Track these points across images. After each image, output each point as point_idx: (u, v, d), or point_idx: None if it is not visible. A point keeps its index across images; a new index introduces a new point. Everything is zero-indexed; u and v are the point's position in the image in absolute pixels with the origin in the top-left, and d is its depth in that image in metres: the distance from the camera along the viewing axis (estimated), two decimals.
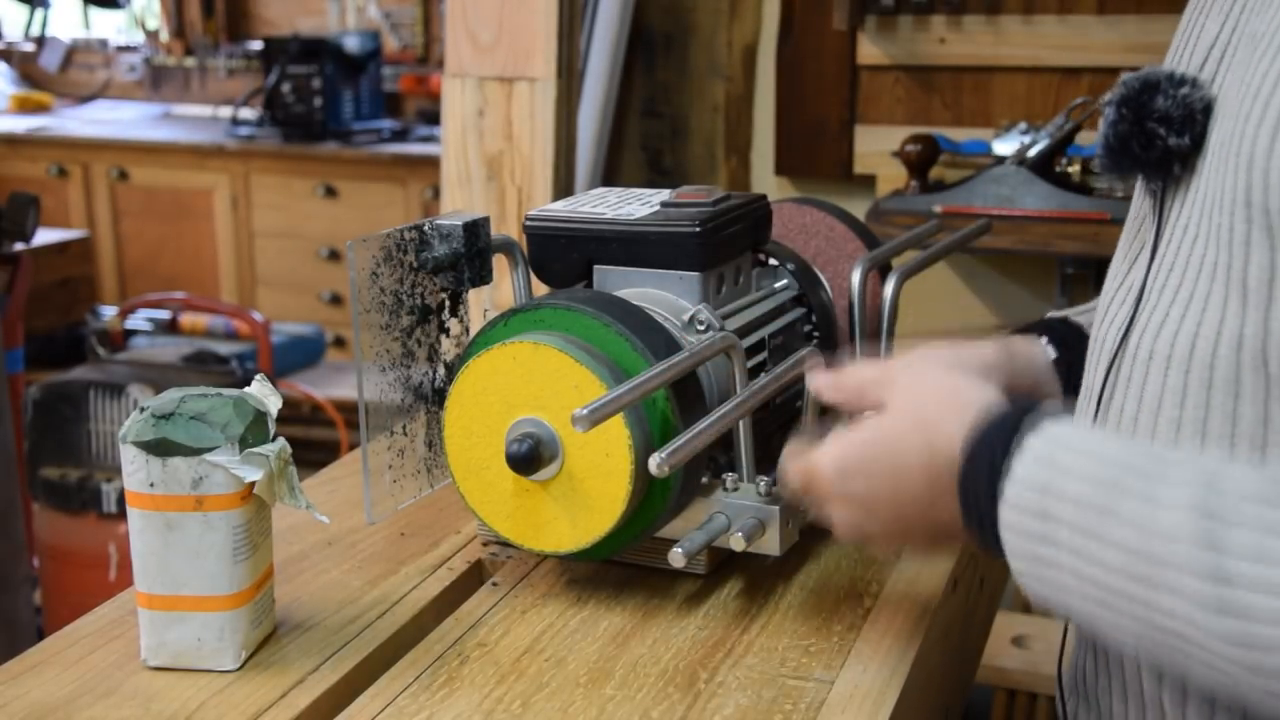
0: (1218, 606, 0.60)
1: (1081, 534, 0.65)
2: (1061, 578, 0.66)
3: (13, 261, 2.31)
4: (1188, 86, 0.72)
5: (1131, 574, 0.63)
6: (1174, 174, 0.73)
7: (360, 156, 3.77)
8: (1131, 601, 0.64)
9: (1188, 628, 0.61)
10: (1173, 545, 0.62)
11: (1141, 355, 0.73)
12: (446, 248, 0.93)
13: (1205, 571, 0.60)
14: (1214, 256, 0.69)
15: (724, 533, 0.86)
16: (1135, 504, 0.63)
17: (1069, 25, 2.24)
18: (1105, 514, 0.64)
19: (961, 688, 1.06)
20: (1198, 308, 0.70)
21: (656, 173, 2.54)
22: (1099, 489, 0.65)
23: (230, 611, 0.78)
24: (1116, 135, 0.74)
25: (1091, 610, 0.66)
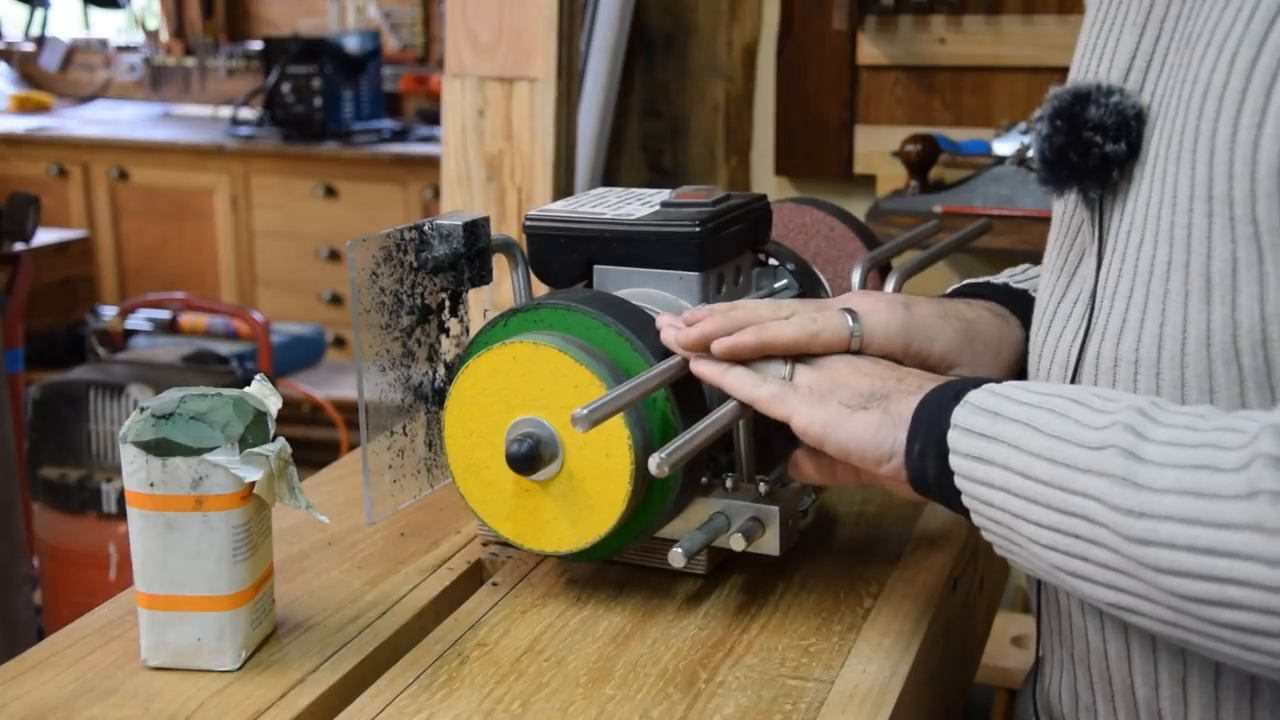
0: (1123, 477, 0.63)
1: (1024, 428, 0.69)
2: (993, 473, 0.70)
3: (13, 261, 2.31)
4: (1118, 94, 0.73)
5: (1058, 460, 0.67)
6: (1112, 180, 0.74)
7: (360, 156, 3.77)
8: (1051, 489, 0.67)
9: (1095, 507, 0.65)
10: (1101, 433, 0.66)
11: (1105, 363, 0.74)
12: (446, 248, 0.93)
13: (1120, 449, 0.64)
14: (1167, 255, 0.70)
15: (724, 533, 0.86)
16: (1081, 409, 0.68)
17: (1069, 25, 2.23)
18: (1052, 414, 0.69)
19: (961, 688, 1.06)
20: (1157, 308, 0.71)
21: (656, 173, 2.54)
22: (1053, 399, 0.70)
23: (230, 611, 0.78)
24: (1052, 147, 0.75)
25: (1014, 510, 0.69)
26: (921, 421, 0.75)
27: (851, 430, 0.77)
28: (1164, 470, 0.63)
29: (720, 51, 2.46)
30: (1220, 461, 0.61)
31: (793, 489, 0.89)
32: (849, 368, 0.80)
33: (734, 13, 2.44)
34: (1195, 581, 0.61)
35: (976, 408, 0.72)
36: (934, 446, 0.74)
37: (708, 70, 2.48)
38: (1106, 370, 0.74)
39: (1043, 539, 0.68)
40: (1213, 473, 0.61)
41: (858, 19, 2.32)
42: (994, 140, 2.19)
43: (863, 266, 1.04)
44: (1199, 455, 0.62)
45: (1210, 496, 0.61)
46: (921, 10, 2.29)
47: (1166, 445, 0.64)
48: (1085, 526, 0.66)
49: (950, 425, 0.73)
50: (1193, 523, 0.61)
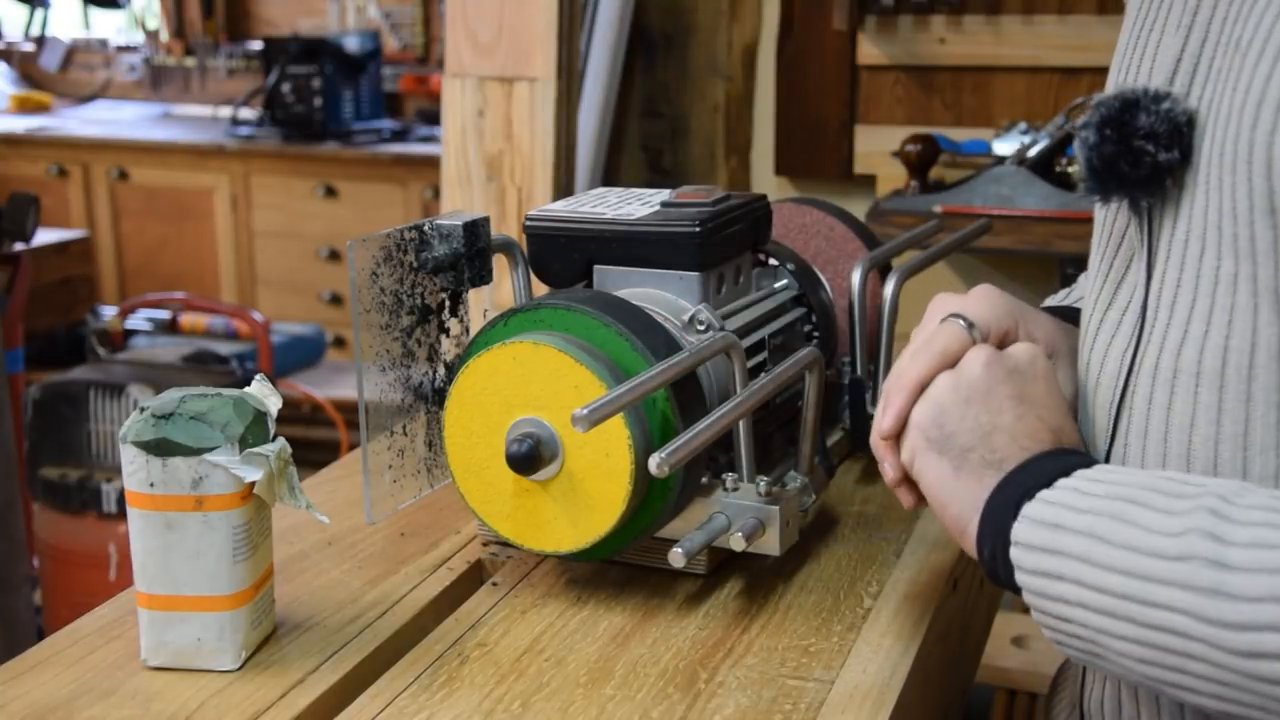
0: (1212, 588, 0.61)
1: (1091, 540, 0.67)
2: (1064, 589, 0.68)
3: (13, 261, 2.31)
4: (1168, 101, 0.71)
5: (1135, 573, 0.65)
6: (1165, 189, 0.72)
7: (360, 156, 3.77)
8: (1132, 604, 0.65)
9: (1185, 621, 0.62)
10: (1175, 540, 0.63)
11: (1163, 374, 0.72)
12: (446, 248, 0.93)
13: (1205, 559, 0.62)
14: (1231, 267, 0.68)
15: (724, 533, 0.86)
16: (1148, 513, 0.66)
17: (1069, 25, 2.24)
18: (1118, 521, 0.66)
19: (961, 688, 1.06)
20: (1222, 319, 0.69)
21: (656, 173, 2.54)
22: (1114, 502, 0.68)
23: (230, 611, 0.78)
24: (1101, 157, 0.73)
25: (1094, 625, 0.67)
26: (987, 528, 0.73)
27: (922, 467, 0.77)
28: (1257, 577, 0.60)
29: (720, 51, 2.46)
30: None
31: (793, 489, 0.89)
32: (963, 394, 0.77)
33: (734, 13, 2.44)
34: None
35: (1036, 522, 0.70)
36: (1002, 555, 0.72)
37: (708, 70, 2.48)
38: (1165, 382, 0.72)
39: (1131, 653, 0.66)
40: None
41: (858, 19, 2.32)
42: (994, 140, 2.19)
43: (863, 266, 1.04)
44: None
45: None
46: (921, 10, 2.29)
47: (1253, 549, 0.61)
48: (1177, 641, 0.63)
49: (1012, 542, 0.71)
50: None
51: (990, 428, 0.75)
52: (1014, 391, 0.76)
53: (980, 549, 0.74)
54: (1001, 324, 0.82)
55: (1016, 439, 0.75)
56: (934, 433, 0.76)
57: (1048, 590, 0.69)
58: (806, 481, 0.91)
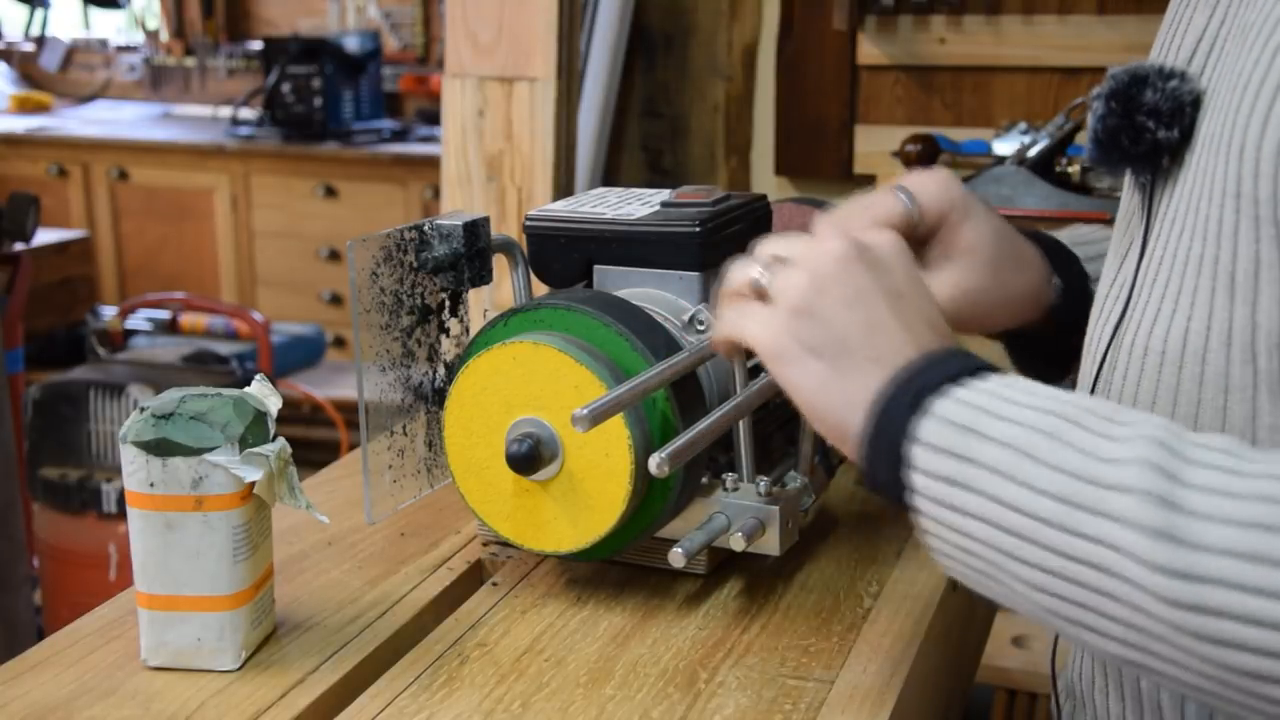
0: (1160, 529, 0.57)
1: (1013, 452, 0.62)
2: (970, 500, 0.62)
3: (13, 261, 2.32)
4: (1176, 79, 0.71)
5: (1063, 497, 0.60)
6: (1163, 167, 0.73)
7: (360, 156, 3.77)
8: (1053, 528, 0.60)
9: (1112, 557, 0.58)
10: (1117, 469, 0.59)
11: (1136, 352, 0.73)
12: (446, 248, 0.93)
13: (1151, 496, 0.57)
14: (1200, 250, 0.69)
15: (724, 533, 0.86)
16: (1082, 432, 0.61)
17: (1069, 25, 2.24)
18: (1046, 436, 0.61)
19: (961, 688, 1.06)
20: (1186, 302, 0.69)
21: (656, 173, 2.54)
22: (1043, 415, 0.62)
23: (230, 611, 0.78)
24: (1105, 129, 0.74)
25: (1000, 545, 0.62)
26: (878, 425, 0.67)
27: (796, 375, 0.70)
28: (1215, 527, 0.56)
29: (720, 51, 2.46)
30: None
31: (793, 489, 0.89)
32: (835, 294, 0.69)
33: (734, 13, 2.44)
34: (1253, 656, 0.55)
35: (947, 422, 0.64)
36: (888, 455, 0.66)
37: (708, 70, 2.48)
38: (1136, 360, 0.73)
39: (1036, 580, 0.61)
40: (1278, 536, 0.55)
41: (858, 19, 2.32)
42: (994, 140, 2.19)
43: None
44: (1258, 511, 0.56)
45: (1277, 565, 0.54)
46: (921, 10, 2.29)
47: (1211, 494, 0.57)
48: (1097, 576, 0.59)
49: (915, 439, 0.65)
50: (1260, 593, 0.54)
51: (872, 324, 0.68)
52: (886, 285, 0.70)
53: (864, 448, 0.67)
54: (940, 207, 0.83)
55: (899, 334, 0.68)
56: (808, 334, 0.69)
57: (948, 499, 0.63)
58: (806, 481, 0.91)
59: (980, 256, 0.85)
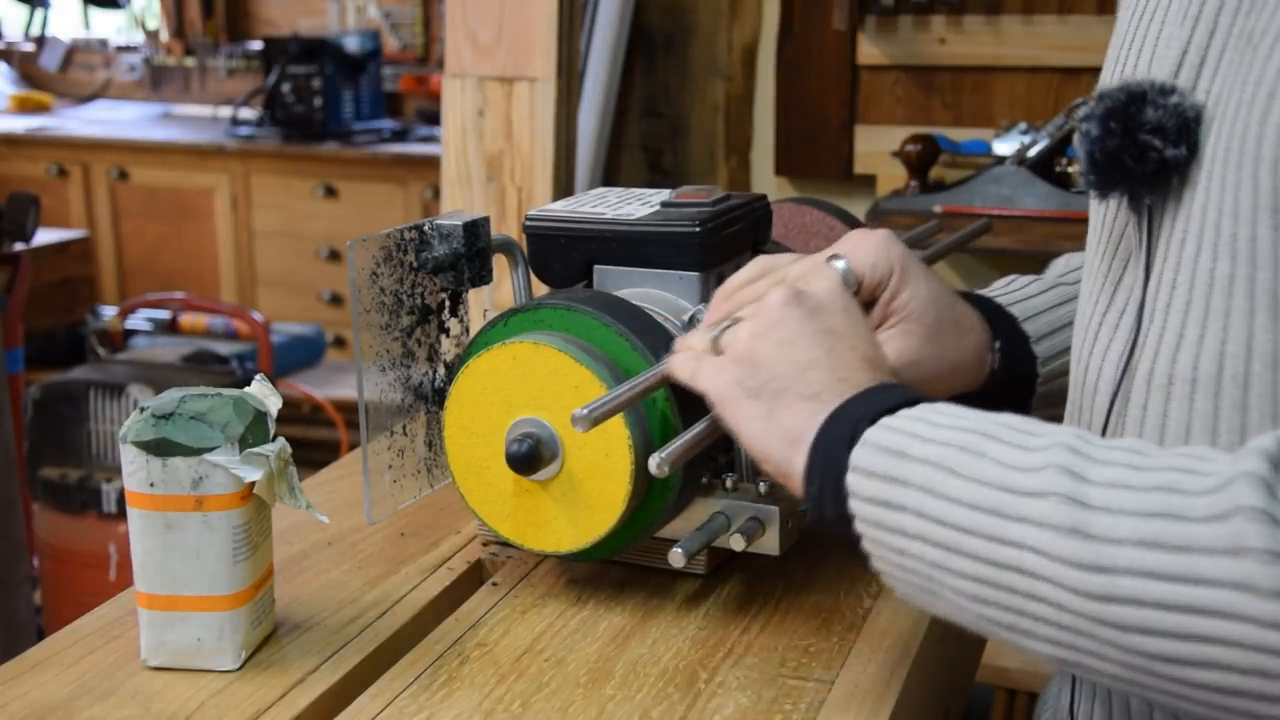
0: (1071, 526, 0.59)
1: (937, 470, 0.64)
2: (904, 520, 0.65)
3: (13, 261, 2.31)
4: (1176, 95, 0.69)
5: (982, 507, 0.62)
6: (1171, 186, 0.69)
7: (360, 156, 3.77)
8: (977, 539, 0.62)
9: (1033, 559, 0.60)
10: (1030, 475, 0.61)
11: (1158, 380, 0.70)
12: (446, 248, 0.93)
13: (1064, 495, 0.59)
14: (1228, 269, 0.66)
15: (724, 533, 0.86)
16: (999, 446, 0.63)
17: (1069, 25, 2.24)
18: (967, 453, 0.64)
19: (961, 687, 1.06)
20: (1218, 324, 0.66)
21: (656, 173, 2.54)
22: (963, 434, 0.65)
23: (230, 611, 0.78)
24: (1105, 151, 0.70)
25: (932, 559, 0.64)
26: (818, 460, 0.69)
27: (739, 418, 0.73)
28: (1119, 519, 0.58)
29: (720, 51, 2.46)
30: (1184, 510, 0.57)
31: None
32: (773, 338, 0.73)
33: (734, 13, 2.44)
34: (1166, 640, 0.57)
35: (877, 448, 0.67)
36: (832, 488, 0.68)
37: (708, 70, 2.48)
38: (1160, 388, 0.70)
39: (969, 590, 0.63)
40: (1178, 522, 0.57)
41: (858, 19, 2.32)
42: (994, 140, 2.19)
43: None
44: (1154, 501, 0.58)
45: (1180, 550, 0.56)
46: (921, 10, 2.29)
47: (1113, 488, 0.59)
48: (1022, 580, 0.61)
49: (849, 468, 0.67)
50: (1162, 578, 0.56)
51: (805, 363, 0.72)
52: (821, 326, 0.73)
53: (808, 484, 0.70)
54: (878, 274, 0.82)
55: (833, 371, 0.72)
56: (749, 380, 0.73)
57: (885, 520, 0.66)
58: None
59: (920, 323, 0.83)
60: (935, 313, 0.83)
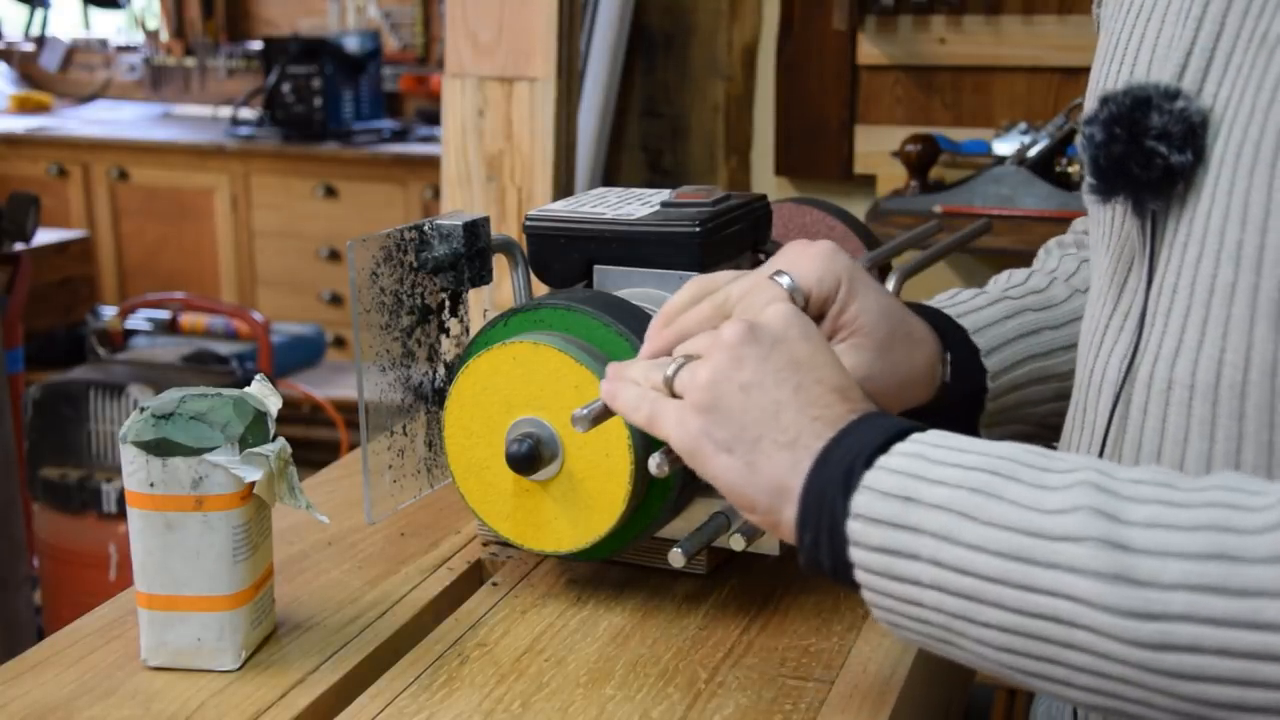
0: (1114, 573, 0.56)
1: (952, 515, 0.61)
2: (917, 569, 0.62)
3: (13, 261, 2.32)
4: (1181, 99, 0.67)
5: (1009, 553, 0.59)
6: (1176, 193, 0.68)
7: (360, 156, 3.77)
8: (1006, 586, 0.59)
9: (1070, 608, 0.57)
10: (1060, 518, 0.58)
11: (1158, 385, 0.69)
12: (446, 248, 0.93)
13: (1100, 539, 0.57)
14: (1231, 276, 0.65)
15: (724, 533, 0.86)
16: (1016, 486, 0.60)
17: (1069, 25, 2.24)
18: (983, 495, 0.60)
19: (961, 687, 1.06)
20: (1217, 331, 0.66)
21: (656, 173, 2.54)
22: (972, 473, 0.62)
23: (230, 611, 0.78)
24: (1109, 156, 0.69)
25: (952, 609, 0.61)
26: (810, 509, 0.66)
27: (714, 471, 0.68)
28: (1166, 562, 0.55)
29: (720, 51, 2.46)
30: (1240, 551, 0.54)
31: None
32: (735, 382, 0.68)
33: (734, 13, 2.44)
34: (1228, 687, 0.54)
35: (882, 494, 0.63)
36: (829, 536, 0.65)
37: (708, 70, 2.48)
38: (1159, 394, 0.69)
39: (995, 640, 0.60)
40: (1235, 564, 0.54)
41: (858, 19, 2.32)
42: (994, 140, 2.19)
43: (862, 266, 1.04)
44: (1204, 541, 0.55)
45: (1241, 594, 0.54)
46: (921, 10, 2.29)
47: (1154, 528, 0.57)
48: (1057, 629, 0.58)
49: (850, 514, 0.64)
50: (1222, 624, 0.54)
51: (774, 407, 0.67)
52: (783, 362, 0.68)
53: (801, 534, 0.66)
54: (825, 289, 0.78)
55: (804, 411, 0.67)
56: (718, 432, 0.67)
57: (894, 570, 0.62)
58: None
59: (871, 337, 0.80)
60: (886, 326, 0.80)
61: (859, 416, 0.67)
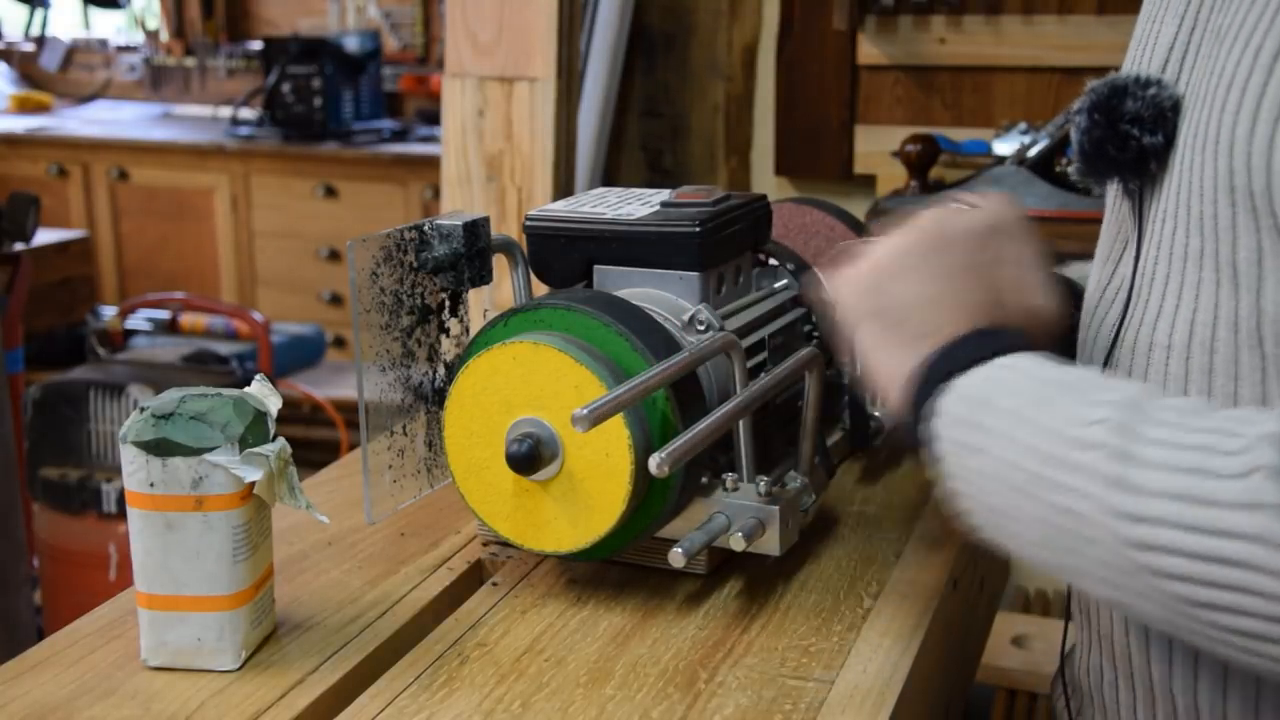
0: (1115, 480, 0.62)
1: (1014, 419, 0.68)
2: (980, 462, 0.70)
3: (13, 261, 2.31)
4: (1154, 87, 0.75)
5: (1046, 455, 0.66)
6: (1151, 171, 0.76)
7: (360, 156, 3.77)
8: (1040, 483, 0.66)
9: (1085, 504, 0.64)
10: (1089, 429, 0.65)
11: (1140, 347, 0.76)
12: (446, 248, 0.93)
13: (1111, 450, 0.63)
14: (1198, 244, 0.71)
15: (724, 533, 0.86)
16: (1070, 399, 0.67)
17: (1069, 25, 2.24)
18: (1042, 405, 0.68)
19: (961, 687, 1.06)
20: (1190, 295, 0.72)
21: (656, 173, 2.54)
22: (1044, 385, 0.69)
23: (230, 611, 0.78)
24: (1091, 140, 0.77)
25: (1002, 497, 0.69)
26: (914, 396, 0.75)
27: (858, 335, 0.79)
28: (1157, 473, 0.62)
29: (720, 51, 2.46)
30: (1215, 466, 0.60)
31: (793, 489, 0.89)
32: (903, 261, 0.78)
33: (734, 13, 2.44)
34: (1197, 587, 0.61)
35: (964, 396, 0.72)
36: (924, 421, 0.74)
37: (708, 70, 2.48)
38: (1141, 355, 0.76)
39: (1033, 533, 0.68)
40: (1206, 477, 0.60)
41: (858, 19, 2.32)
42: (994, 140, 2.19)
43: None
44: (1191, 458, 0.61)
45: (1207, 503, 0.60)
46: (921, 10, 2.29)
47: (1159, 446, 0.63)
48: (1076, 523, 0.65)
49: (937, 413, 0.73)
50: (1191, 529, 0.60)
51: (927, 298, 0.77)
52: (953, 262, 0.78)
53: (905, 414, 0.76)
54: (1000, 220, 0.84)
55: (952, 310, 0.76)
56: (873, 300, 0.78)
57: (965, 463, 0.71)
58: (806, 481, 0.91)
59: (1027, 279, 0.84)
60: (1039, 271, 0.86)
61: (979, 328, 0.76)
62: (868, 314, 0.78)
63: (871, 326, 0.78)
